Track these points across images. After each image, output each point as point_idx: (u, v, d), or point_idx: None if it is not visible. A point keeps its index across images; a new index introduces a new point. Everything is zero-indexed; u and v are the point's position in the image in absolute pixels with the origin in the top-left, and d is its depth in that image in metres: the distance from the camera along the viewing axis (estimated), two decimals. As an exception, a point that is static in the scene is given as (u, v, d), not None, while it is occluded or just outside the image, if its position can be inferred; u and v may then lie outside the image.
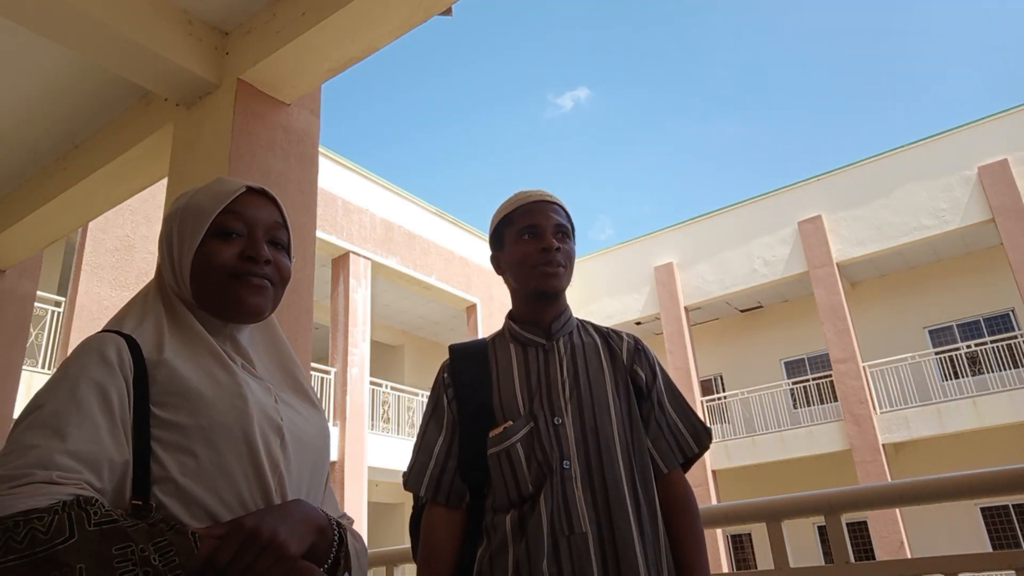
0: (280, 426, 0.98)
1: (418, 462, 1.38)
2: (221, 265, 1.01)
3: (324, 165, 11.02)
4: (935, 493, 1.74)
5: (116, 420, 0.87)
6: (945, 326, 14.33)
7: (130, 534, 0.77)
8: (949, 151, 12.94)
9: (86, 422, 0.84)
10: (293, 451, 0.99)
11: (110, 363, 0.90)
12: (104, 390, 0.88)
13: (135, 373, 0.91)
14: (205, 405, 0.92)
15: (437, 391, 1.44)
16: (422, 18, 2.33)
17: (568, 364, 1.38)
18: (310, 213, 2.53)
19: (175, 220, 1.05)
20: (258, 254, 1.03)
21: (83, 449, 0.83)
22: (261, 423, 0.95)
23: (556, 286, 1.40)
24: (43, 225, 3.56)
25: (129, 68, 2.46)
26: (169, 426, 0.90)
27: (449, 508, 1.34)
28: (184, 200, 1.07)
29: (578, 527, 1.22)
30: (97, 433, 0.85)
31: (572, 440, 1.29)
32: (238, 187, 1.06)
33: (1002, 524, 12.68)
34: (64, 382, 0.88)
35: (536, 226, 1.41)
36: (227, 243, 1.03)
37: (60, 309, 8.82)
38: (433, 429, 1.40)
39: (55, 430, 0.82)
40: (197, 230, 1.02)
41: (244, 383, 0.97)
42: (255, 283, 1.03)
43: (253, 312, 1.03)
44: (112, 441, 0.85)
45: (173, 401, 0.91)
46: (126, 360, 0.91)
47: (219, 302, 1.02)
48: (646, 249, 15.95)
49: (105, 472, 0.84)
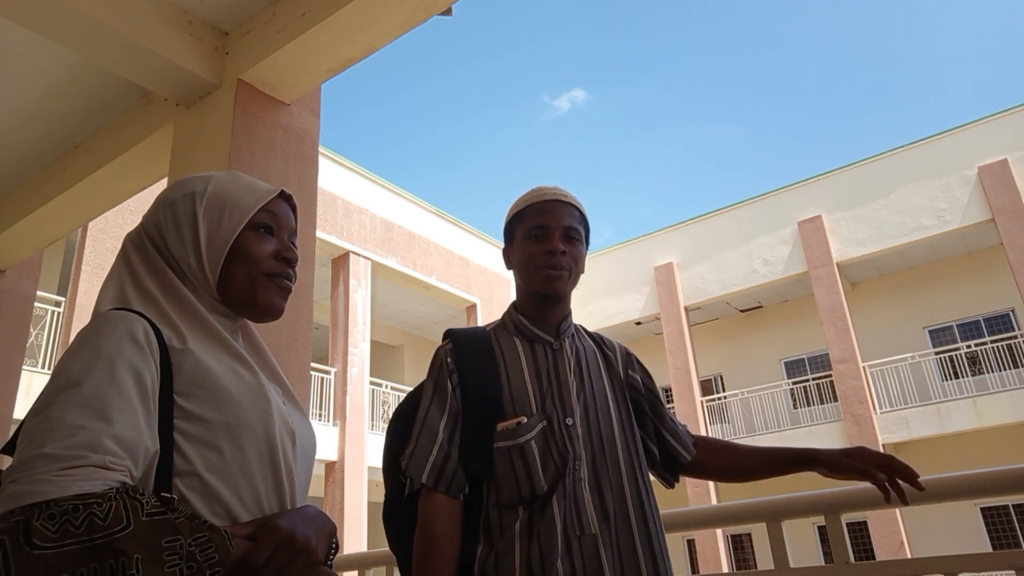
0: (293, 430, 0.98)
1: (420, 446, 1.30)
2: (260, 260, 1.01)
3: (324, 165, 11.02)
4: (935, 493, 1.74)
5: (151, 407, 0.85)
6: (945, 326, 14.33)
7: (178, 527, 0.76)
8: (949, 151, 12.94)
9: (128, 407, 0.82)
10: (299, 456, 0.99)
11: (141, 346, 0.87)
12: (140, 375, 0.85)
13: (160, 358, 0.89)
14: (233, 402, 0.91)
15: (439, 375, 1.38)
16: (422, 18, 2.33)
17: (575, 366, 1.38)
18: (310, 213, 2.53)
19: (198, 202, 1.01)
20: (293, 256, 1.04)
21: (127, 436, 0.80)
22: (280, 426, 0.95)
23: (557, 290, 1.38)
24: (43, 225, 3.56)
25: (129, 68, 2.46)
26: (194, 419, 0.88)
27: (451, 498, 1.29)
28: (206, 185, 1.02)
29: (588, 528, 1.23)
30: (136, 420, 0.82)
31: (581, 441, 1.30)
32: (274, 188, 1.06)
33: (1002, 524, 12.68)
34: (100, 361, 0.84)
35: (545, 227, 1.39)
36: (264, 239, 1.02)
37: (60, 309, 8.82)
38: (435, 413, 1.34)
39: (99, 412, 0.79)
40: (237, 219, 1.00)
41: (266, 384, 0.97)
42: (284, 285, 1.03)
43: (276, 314, 1.04)
44: (148, 430, 0.83)
45: (198, 394, 0.89)
46: (154, 344, 0.88)
47: (247, 297, 1.01)
48: (646, 249, 15.95)
49: (141, 461, 0.82)
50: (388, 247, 12.46)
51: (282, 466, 0.93)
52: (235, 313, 1.03)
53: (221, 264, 0.99)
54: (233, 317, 1.03)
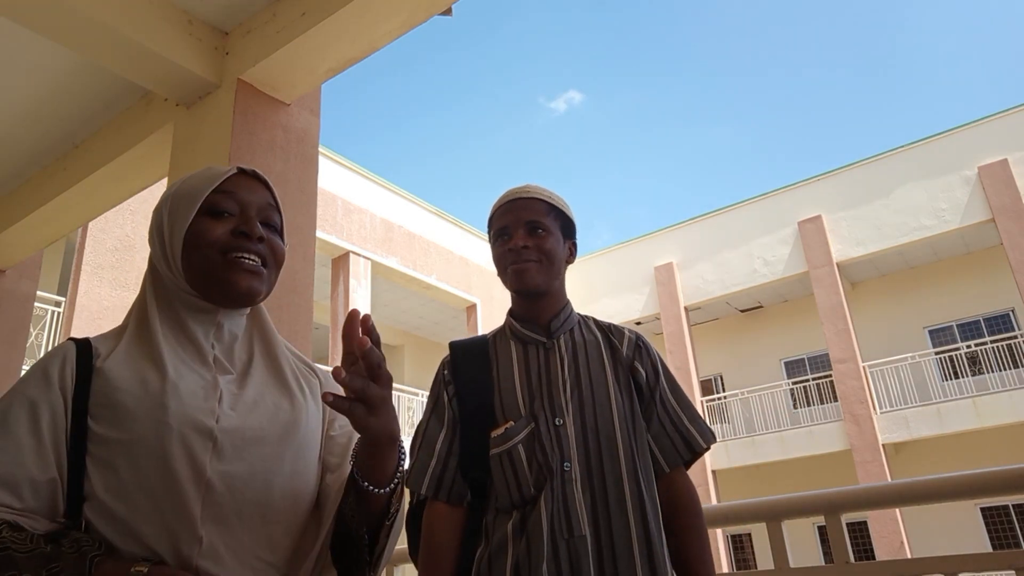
0: (211, 429, 0.92)
1: (419, 460, 1.35)
2: (213, 241, 0.98)
3: (324, 165, 11.02)
4: (935, 493, 1.74)
5: (44, 438, 0.87)
6: (945, 326, 14.33)
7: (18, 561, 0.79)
8: (949, 151, 12.93)
9: (10, 443, 0.86)
10: (234, 453, 0.93)
11: (49, 377, 0.91)
12: (35, 408, 0.89)
13: (78, 384, 0.91)
14: (128, 417, 0.90)
15: (437, 388, 1.42)
16: (422, 18, 2.33)
17: (569, 363, 1.36)
18: (310, 213, 2.53)
19: (165, 206, 1.03)
20: (251, 230, 1.00)
21: (1, 471, 0.84)
22: (184, 431, 0.90)
23: (528, 283, 1.37)
24: (43, 225, 3.56)
25: (129, 68, 2.46)
26: (100, 440, 0.89)
27: (451, 506, 1.33)
28: (175, 187, 1.05)
29: (577, 530, 1.21)
30: (19, 454, 0.86)
31: (573, 441, 1.28)
32: (229, 169, 1.04)
33: (1002, 524, 12.68)
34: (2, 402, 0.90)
35: (506, 227, 1.41)
36: (219, 221, 1.00)
37: (60, 309, 8.82)
38: (434, 426, 1.38)
39: None
40: (188, 210, 1.00)
41: (171, 388, 0.92)
42: (248, 265, 1.00)
43: (246, 294, 1.00)
44: (36, 460, 0.86)
45: (104, 414, 0.90)
46: (68, 372, 0.92)
47: (211, 283, 0.99)
48: (646, 249, 15.94)
49: (26, 492, 0.85)
50: (388, 247, 12.46)
51: (183, 475, 0.88)
52: (215, 304, 1.02)
53: (180, 256, 0.99)
54: (212, 310, 1.02)
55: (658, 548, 1.24)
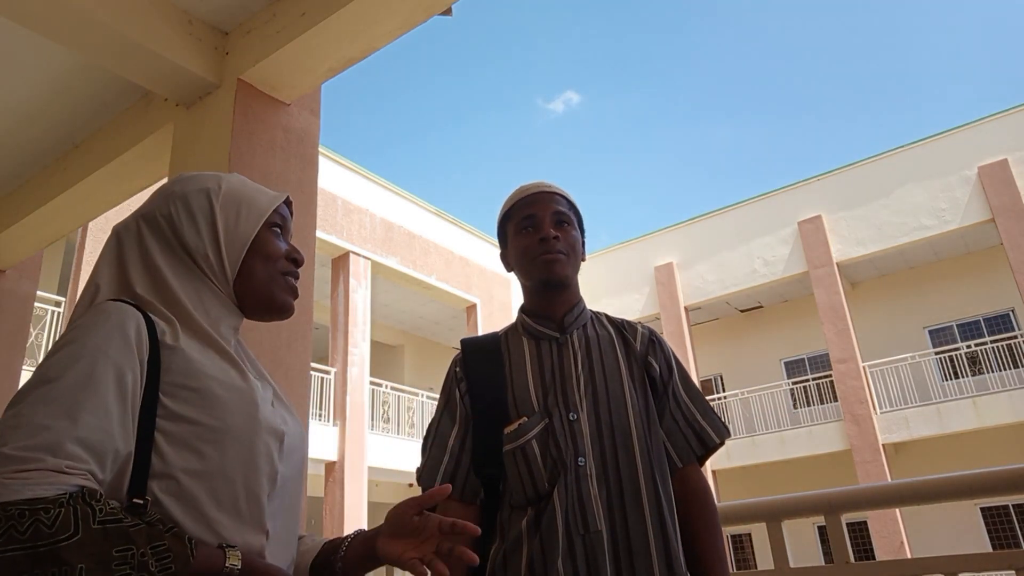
0: (283, 433, 0.97)
1: (432, 457, 1.34)
2: (279, 257, 1.04)
3: (324, 165, 11.02)
4: (935, 493, 1.74)
5: (128, 408, 0.84)
6: (945, 326, 14.33)
7: (132, 535, 0.75)
8: (949, 151, 12.94)
9: (100, 408, 0.81)
10: (287, 456, 0.98)
11: (129, 342, 0.86)
12: (121, 373, 0.84)
13: (149, 355, 0.88)
14: (219, 404, 0.90)
15: (449, 385, 1.41)
16: (422, 18, 2.32)
17: (583, 358, 1.35)
18: (310, 213, 2.53)
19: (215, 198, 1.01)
20: (301, 259, 1.07)
21: (93, 438, 0.79)
22: (267, 430, 0.94)
23: (559, 273, 1.37)
24: (43, 225, 3.56)
25: (129, 68, 2.46)
26: (178, 419, 0.87)
27: (464, 504, 1.31)
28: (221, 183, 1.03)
29: (593, 525, 1.20)
30: (108, 421, 0.81)
31: (587, 436, 1.27)
32: (282, 192, 1.09)
33: (1002, 524, 12.68)
34: (83, 357, 0.83)
35: (533, 216, 1.40)
36: (278, 239, 1.05)
37: (60, 309, 8.82)
38: (446, 424, 1.37)
39: (67, 411, 0.78)
40: (255, 218, 1.02)
41: (256, 387, 0.96)
42: (294, 285, 1.06)
43: (288, 312, 1.06)
44: (121, 431, 0.82)
45: (185, 395, 0.88)
46: (144, 340, 0.88)
47: (263, 293, 1.02)
48: (646, 249, 15.95)
49: (109, 464, 0.81)
50: (388, 247, 12.46)
51: (263, 471, 0.92)
52: (243, 312, 1.03)
53: (241, 259, 1.00)
54: (239, 316, 1.03)
55: (674, 543, 1.24)
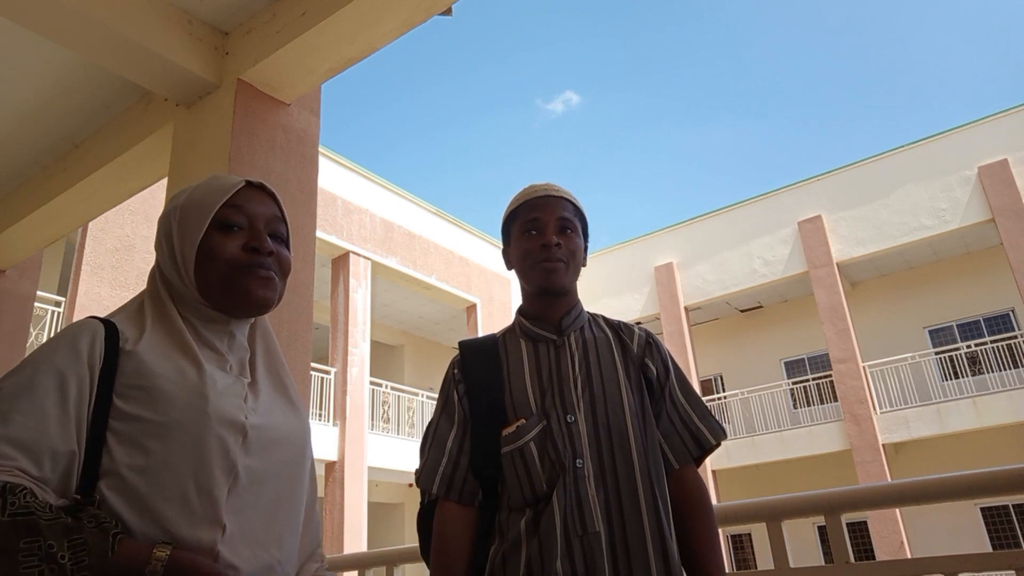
0: (243, 424, 0.96)
1: (430, 459, 1.35)
2: (227, 258, 1.02)
3: (324, 165, 11.02)
4: (935, 493, 1.74)
5: (69, 409, 0.87)
6: (945, 326, 14.33)
7: (42, 528, 0.77)
8: (949, 151, 12.93)
9: (35, 409, 0.85)
10: (258, 450, 0.97)
11: (78, 351, 0.91)
12: (63, 378, 0.88)
13: (105, 363, 0.91)
14: (165, 400, 0.92)
15: (447, 387, 1.41)
16: (422, 18, 2.33)
17: (580, 360, 1.36)
18: (310, 213, 2.53)
19: (174, 216, 1.05)
20: (262, 246, 1.04)
21: (24, 437, 0.83)
22: (219, 423, 0.94)
23: (556, 282, 1.37)
24: (43, 225, 3.56)
25: (129, 68, 2.46)
26: (127, 418, 0.90)
27: (462, 506, 1.32)
28: (182, 197, 1.07)
29: (591, 526, 1.21)
30: (44, 422, 0.85)
31: (585, 438, 1.28)
32: (237, 181, 1.06)
33: (1002, 524, 12.68)
34: (28, 366, 0.89)
35: (538, 220, 1.39)
36: (230, 236, 1.03)
37: (60, 309, 8.82)
38: (444, 425, 1.37)
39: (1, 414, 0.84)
40: (199, 223, 1.02)
41: (210, 381, 0.96)
42: (262, 275, 1.04)
43: (261, 304, 1.04)
44: (59, 430, 0.86)
45: (135, 394, 0.91)
46: (97, 349, 0.92)
47: (225, 295, 1.02)
48: (646, 249, 15.95)
49: (46, 461, 0.84)
50: (388, 247, 12.46)
51: (215, 464, 0.91)
52: (228, 315, 1.04)
53: (192, 269, 1.02)
54: (224, 320, 1.04)
55: (670, 544, 1.25)
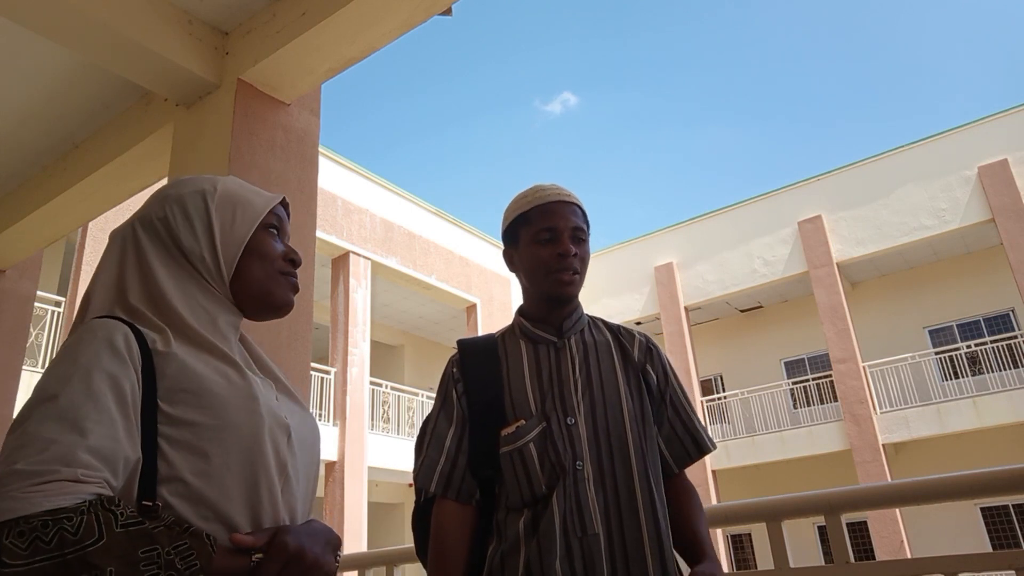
0: (288, 425, 0.97)
1: (428, 457, 1.35)
2: (276, 257, 1.05)
3: (324, 165, 11.02)
4: (935, 493, 1.74)
5: (130, 416, 0.84)
6: (945, 326, 14.33)
7: (155, 536, 0.76)
8: (949, 151, 12.94)
9: (104, 417, 0.81)
10: (298, 450, 0.99)
11: (120, 353, 0.87)
12: (118, 383, 0.84)
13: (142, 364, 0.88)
14: (218, 403, 0.90)
15: (446, 386, 1.41)
16: (422, 18, 2.33)
17: (580, 363, 1.36)
18: (310, 213, 2.53)
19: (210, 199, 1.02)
20: (299, 259, 1.08)
21: (103, 446, 0.80)
22: (271, 424, 0.94)
23: (571, 293, 1.38)
24: (43, 225, 3.56)
25: (129, 68, 2.46)
26: (179, 423, 0.87)
27: (460, 504, 1.32)
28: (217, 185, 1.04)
29: (591, 528, 1.22)
30: (114, 430, 0.81)
31: (585, 440, 1.28)
32: (277, 194, 1.11)
33: (1002, 524, 12.68)
34: (77, 372, 0.83)
35: (554, 229, 1.37)
36: (275, 239, 1.07)
37: (60, 309, 8.82)
38: (443, 424, 1.37)
39: (73, 424, 0.79)
40: (251, 219, 1.04)
41: (254, 383, 0.96)
42: (294, 283, 1.08)
43: (288, 309, 1.07)
44: (127, 438, 0.83)
45: (183, 398, 0.89)
46: (134, 351, 0.88)
47: (261, 293, 1.03)
48: (646, 249, 15.95)
49: (121, 471, 0.81)
50: (388, 247, 12.46)
51: (272, 464, 0.92)
52: (242, 311, 1.04)
53: (237, 259, 1.02)
54: (238, 315, 1.04)
55: (668, 547, 1.26)
